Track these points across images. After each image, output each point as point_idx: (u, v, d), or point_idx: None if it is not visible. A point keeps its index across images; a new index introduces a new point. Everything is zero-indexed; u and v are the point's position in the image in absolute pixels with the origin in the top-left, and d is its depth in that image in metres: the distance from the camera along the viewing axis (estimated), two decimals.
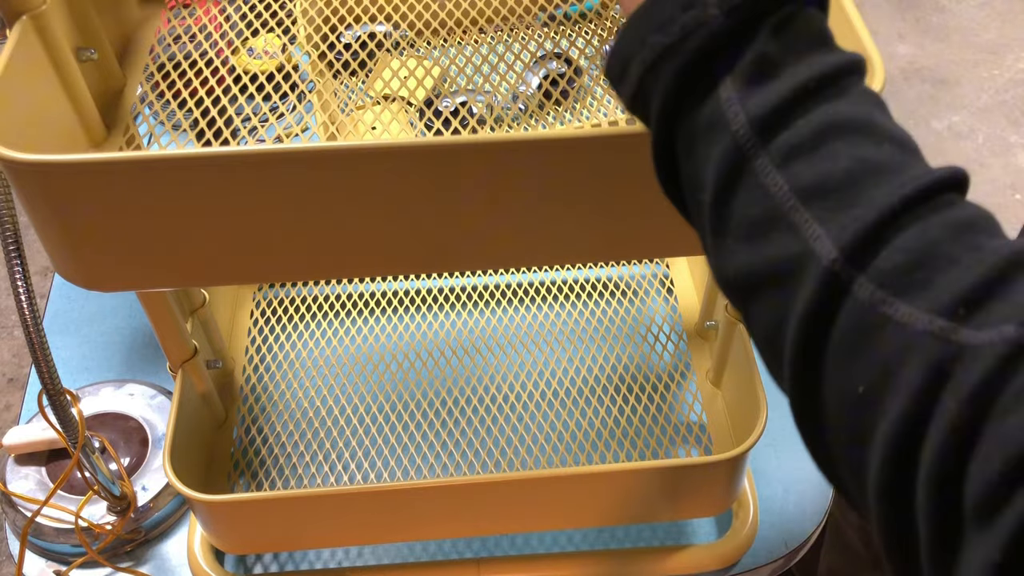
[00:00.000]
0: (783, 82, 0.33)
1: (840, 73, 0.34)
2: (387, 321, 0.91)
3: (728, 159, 0.33)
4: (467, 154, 0.48)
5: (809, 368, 0.31)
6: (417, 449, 0.81)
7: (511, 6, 0.70)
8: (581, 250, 0.57)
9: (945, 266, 0.29)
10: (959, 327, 0.27)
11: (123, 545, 0.78)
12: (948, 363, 0.27)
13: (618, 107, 0.65)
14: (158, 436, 0.82)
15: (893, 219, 0.30)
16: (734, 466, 0.70)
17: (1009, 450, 0.25)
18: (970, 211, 0.31)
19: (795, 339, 0.31)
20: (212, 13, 0.67)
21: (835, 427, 0.31)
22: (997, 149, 1.94)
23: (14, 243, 0.57)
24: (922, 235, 0.30)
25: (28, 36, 0.53)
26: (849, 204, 0.31)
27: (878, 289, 0.29)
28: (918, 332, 0.28)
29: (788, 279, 0.31)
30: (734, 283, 0.34)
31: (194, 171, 0.48)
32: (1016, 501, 0.25)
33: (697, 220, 0.37)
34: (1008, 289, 0.28)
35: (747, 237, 0.33)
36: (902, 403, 0.28)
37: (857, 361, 0.30)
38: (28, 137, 0.51)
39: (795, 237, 0.31)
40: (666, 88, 0.35)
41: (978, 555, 0.25)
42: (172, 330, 0.69)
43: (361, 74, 0.68)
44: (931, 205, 0.30)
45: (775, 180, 0.32)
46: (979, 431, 0.26)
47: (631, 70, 0.36)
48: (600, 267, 0.95)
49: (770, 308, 0.33)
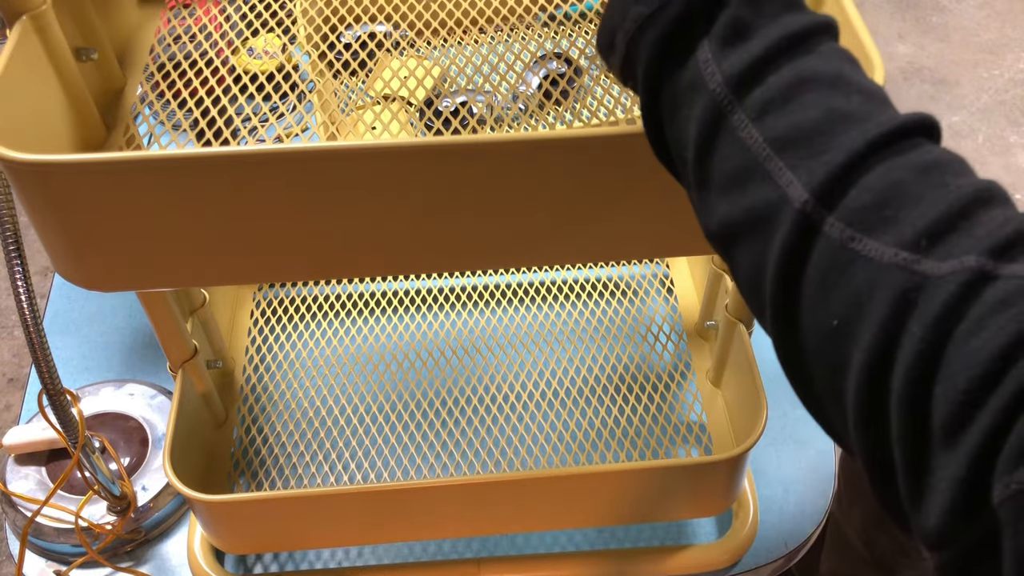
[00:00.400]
0: (755, 43, 0.35)
1: (809, 33, 0.35)
2: (387, 321, 0.91)
3: (707, 116, 0.35)
4: (467, 154, 0.48)
5: (788, 307, 0.33)
6: (417, 449, 0.81)
7: (511, 6, 0.70)
8: (581, 250, 0.57)
9: (910, 203, 0.30)
10: (922, 258, 0.29)
11: (123, 545, 0.78)
12: (913, 292, 0.29)
13: (618, 107, 0.65)
14: (158, 436, 0.82)
15: (860, 161, 0.31)
16: (734, 466, 0.70)
17: (971, 371, 0.26)
18: (936, 153, 0.32)
19: (774, 280, 0.33)
20: (212, 13, 0.67)
21: (816, 363, 0.32)
22: (997, 149, 1.94)
23: (14, 243, 0.57)
24: (888, 175, 0.31)
25: (28, 36, 0.53)
26: (820, 151, 0.32)
27: (847, 227, 0.31)
28: (884, 265, 0.29)
29: (765, 225, 0.33)
30: (718, 234, 0.36)
31: (194, 171, 0.48)
32: (979, 419, 0.26)
33: (683, 178, 0.38)
34: (970, 223, 0.29)
35: (727, 189, 0.35)
36: (872, 332, 0.29)
37: (831, 296, 0.31)
38: (28, 137, 0.51)
39: (770, 185, 0.33)
40: (648, 55, 0.37)
41: (947, 473, 0.27)
42: (172, 330, 0.69)
43: (361, 74, 0.68)
44: (897, 148, 0.32)
45: (751, 133, 0.34)
46: (943, 355, 0.27)
47: (617, 41, 0.38)
48: (600, 267, 0.95)
49: (751, 254, 0.34)
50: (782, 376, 0.34)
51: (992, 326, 0.27)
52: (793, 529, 0.79)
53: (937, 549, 0.28)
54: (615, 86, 0.67)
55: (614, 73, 0.40)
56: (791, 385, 0.34)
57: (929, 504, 0.28)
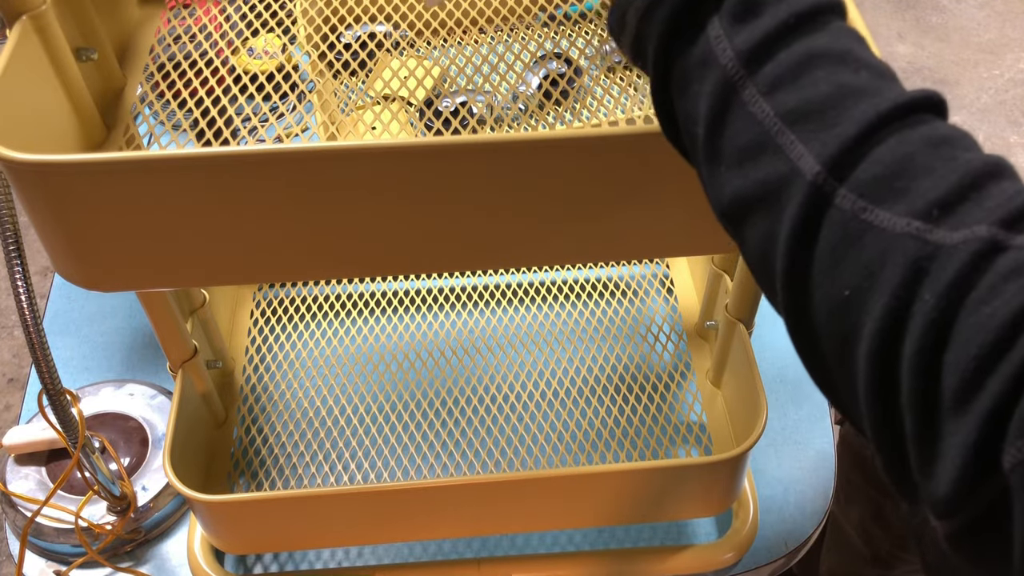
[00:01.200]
0: (766, 19, 0.35)
1: (818, 11, 0.36)
2: (387, 321, 0.91)
3: (719, 92, 0.35)
4: (467, 154, 0.48)
5: (799, 280, 0.33)
6: (417, 449, 0.81)
7: (511, 6, 0.70)
8: (581, 250, 0.57)
9: (921, 175, 0.31)
10: (934, 228, 0.29)
11: (123, 545, 0.78)
12: (925, 260, 0.29)
13: (618, 107, 0.65)
14: (158, 436, 0.82)
15: (872, 134, 0.32)
16: (734, 466, 0.70)
17: (982, 338, 0.27)
18: (946, 128, 0.33)
19: (785, 253, 0.33)
20: (212, 13, 0.67)
21: (826, 335, 0.33)
22: (997, 149, 1.94)
23: (14, 243, 0.57)
24: (899, 147, 0.31)
25: (28, 36, 0.53)
26: (831, 124, 0.32)
27: (859, 199, 0.31)
28: (896, 235, 0.30)
29: (776, 198, 0.33)
30: (728, 210, 0.36)
31: (194, 171, 0.48)
32: (990, 385, 0.26)
33: (693, 155, 0.38)
34: (980, 194, 0.30)
35: (739, 163, 0.35)
36: (884, 300, 0.29)
37: (842, 268, 0.31)
38: (28, 137, 0.51)
39: (782, 158, 0.33)
40: (660, 32, 0.37)
41: (957, 439, 0.27)
42: (172, 330, 0.69)
43: (361, 74, 0.68)
44: (908, 121, 0.32)
45: (762, 108, 0.34)
46: (955, 323, 0.28)
47: (628, 19, 0.39)
48: (600, 267, 0.95)
49: (762, 227, 0.34)
50: (782, 376, 0.34)
51: (1004, 294, 0.27)
52: (793, 529, 0.79)
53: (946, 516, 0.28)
54: (615, 86, 0.67)
55: (624, 52, 0.41)
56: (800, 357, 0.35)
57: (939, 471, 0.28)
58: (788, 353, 0.89)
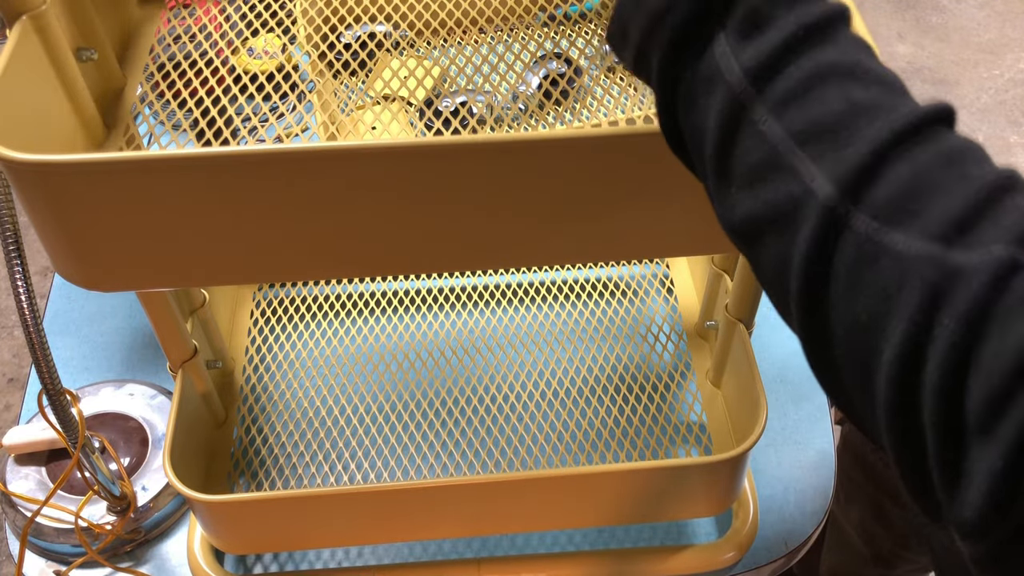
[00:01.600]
0: (772, 33, 0.35)
1: (826, 22, 0.35)
2: (387, 321, 0.91)
3: (726, 110, 0.35)
4: (467, 154, 0.48)
5: (815, 303, 0.33)
6: (417, 449, 0.81)
7: (511, 6, 0.70)
8: (581, 250, 0.57)
9: (935, 194, 0.30)
10: (950, 249, 0.29)
11: (123, 545, 0.78)
12: (942, 284, 0.29)
13: (618, 107, 0.65)
14: (158, 436, 0.82)
15: (884, 154, 0.31)
16: (734, 466, 0.70)
17: (1005, 365, 0.27)
18: (957, 142, 0.32)
19: (800, 275, 0.32)
20: (212, 13, 0.67)
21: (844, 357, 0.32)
22: (997, 149, 1.94)
23: (14, 243, 0.57)
24: (912, 167, 0.31)
25: (28, 36, 0.53)
26: (843, 144, 0.32)
27: (873, 220, 0.31)
28: (912, 257, 0.29)
29: (790, 219, 0.33)
30: (740, 229, 0.36)
31: (194, 171, 0.48)
32: (1013, 412, 0.26)
33: (701, 172, 0.38)
34: (994, 212, 0.29)
35: (749, 183, 0.34)
36: (902, 325, 0.29)
37: (859, 291, 0.31)
38: (28, 137, 0.51)
39: (794, 179, 0.33)
40: (664, 47, 0.37)
41: (983, 465, 0.27)
42: (172, 330, 0.69)
43: (361, 74, 0.68)
44: (919, 139, 0.32)
45: (772, 127, 0.34)
46: (976, 347, 0.28)
47: (630, 33, 0.38)
48: (600, 267, 0.95)
49: (775, 249, 0.34)
50: (782, 376, 0.34)
51: None
52: (793, 529, 0.79)
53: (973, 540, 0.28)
54: (615, 86, 0.67)
55: (626, 64, 0.40)
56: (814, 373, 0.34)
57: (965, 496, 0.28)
58: (788, 353, 0.90)
